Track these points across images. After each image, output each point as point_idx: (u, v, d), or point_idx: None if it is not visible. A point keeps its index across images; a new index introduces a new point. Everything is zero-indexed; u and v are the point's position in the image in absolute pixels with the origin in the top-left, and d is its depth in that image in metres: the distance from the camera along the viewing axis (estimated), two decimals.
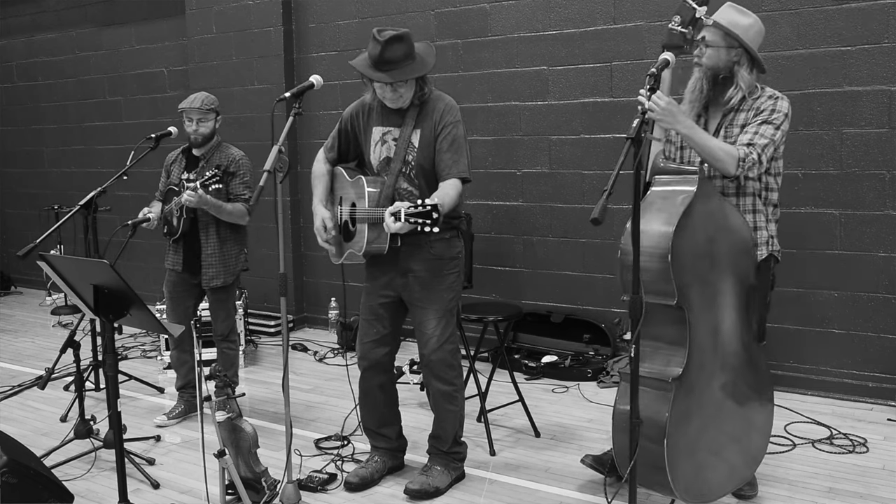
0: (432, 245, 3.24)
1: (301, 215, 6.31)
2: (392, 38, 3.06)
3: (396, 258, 3.27)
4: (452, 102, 3.26)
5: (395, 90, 3.13)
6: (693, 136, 2.82)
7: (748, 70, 2.94)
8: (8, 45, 8.12)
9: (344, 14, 5.85)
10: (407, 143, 3.20)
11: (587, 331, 5.06)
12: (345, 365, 5.32)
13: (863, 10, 4.18)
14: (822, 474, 3.46)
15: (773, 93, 2.98)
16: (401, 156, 3.21)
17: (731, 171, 2.83)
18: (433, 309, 3.27)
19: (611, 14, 4.86)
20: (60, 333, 6.22)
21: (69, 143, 7.77)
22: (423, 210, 2.84)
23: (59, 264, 2.91)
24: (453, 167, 3.18)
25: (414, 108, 3.23)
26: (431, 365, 3.31)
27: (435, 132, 3.19)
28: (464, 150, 3.22)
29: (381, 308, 3.39)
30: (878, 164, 4.21)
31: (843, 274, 4.33)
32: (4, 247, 8.51)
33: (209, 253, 4.12)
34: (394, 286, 3.34)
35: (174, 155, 4.33)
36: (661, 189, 2.84)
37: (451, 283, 3.30)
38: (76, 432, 3.84)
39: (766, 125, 2.90)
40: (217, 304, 4.25)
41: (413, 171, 3.22)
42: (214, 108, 4.13)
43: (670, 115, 2.75)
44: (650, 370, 2.78)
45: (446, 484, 3.37)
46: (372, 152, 3.31)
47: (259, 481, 3.21)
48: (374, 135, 3.31)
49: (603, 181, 4.80)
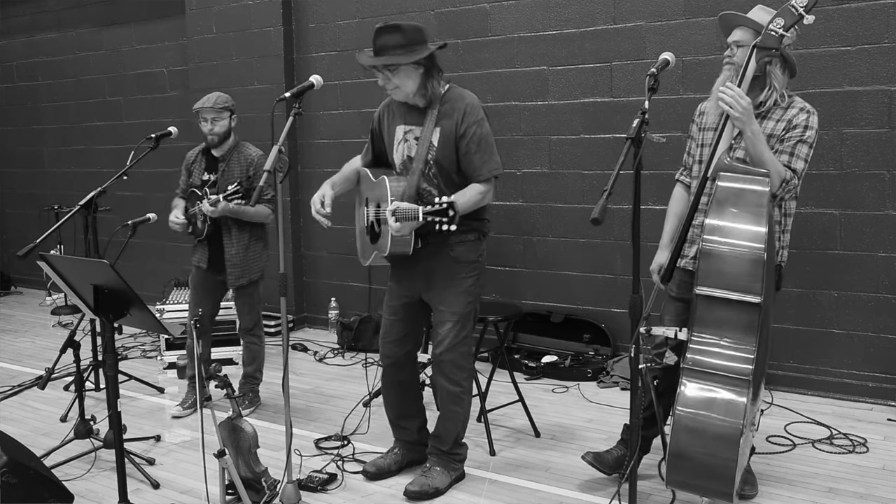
0: (453, 248, 3.24)
1: (301, 215, 6.31)
2: (388, 27, 3.08)
3: (418, 259, 3.25)
4: (474, 100, 3.22)
5: (388, 80, 3.12)
6: (757, 142, 2.81)
7: (781, 70, 2.95)
8: (8, 45, 8.12)
9: (344, 14, 5.85)
10: (428, 142, 3.19)
11: (587, 331, 5.06)
12: (345, 365, 5.32)
13: (863, 10, 4.18)
14: (822, 474, 3.46)
15: (804, 105, 2.96)
16: (422, 155, 3.19)
17: (774, 188, 2.83)
18: (450, 311, 3.26)
19: (611, 14, 4.86)
20: (60, 333, 6.22)
21: (69, 143, 7.77)
22: (439, 208, 2.85)
23: (59, 264, 2.91)
24: (484, 167, 3.17)
25: (435, 106, 3.20)
26: (441, 365, 3.31)
27: (457, 132, 3.15)
28: (492, 147, 3.20)
29: (402, 308, 3.40)
30: (878, 164, 4.21)
31: (843, 274, 4.33)
32: (4, 247, 8.51)
33: (233, 254, 4.19)
34: (415, 287, 3.34)
35: (194, 154, 4.36)
36: (731, 186, 2.74)
37: (468, 287, 3.28)
38: (76, 432, 3.84)
39: (801, 145, 2.91)
40: (241, 300, 4.35)
41: (432, 170, 3.20)
42: (228, 106, 4.17)
43: (748, 116, 2.76)
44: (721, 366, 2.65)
45: (446, 484, 3.37)
46: (395, 151, 3.31)
47: (259, 481, 3.21)
48: (398, 134, 3.30)
49: (603, 181, 4.81)
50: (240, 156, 4.20)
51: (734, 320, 2.65)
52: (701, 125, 3.19)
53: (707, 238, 2.65)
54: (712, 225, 2.65)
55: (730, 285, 2.61)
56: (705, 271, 2.64)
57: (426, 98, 3.19)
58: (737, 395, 2.59)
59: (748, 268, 2.62)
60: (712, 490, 2.64)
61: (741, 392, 2.59)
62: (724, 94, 2.78)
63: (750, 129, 2.79)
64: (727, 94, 2.77)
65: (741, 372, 2.61)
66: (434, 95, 3.18)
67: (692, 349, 2.65)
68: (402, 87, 3.14)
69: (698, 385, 2.62)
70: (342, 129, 5.94)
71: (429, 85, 3.16)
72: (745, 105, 2.75)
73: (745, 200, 2.72)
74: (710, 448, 2.55)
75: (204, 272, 4.31)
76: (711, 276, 2.61)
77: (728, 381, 2.61)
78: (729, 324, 2.66)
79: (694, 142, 3.23)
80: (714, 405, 2.58)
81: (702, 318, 2.65)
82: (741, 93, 2.76)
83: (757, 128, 2.82)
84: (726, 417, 2.57)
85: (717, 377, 2.61)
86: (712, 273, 2.62)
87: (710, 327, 2.66)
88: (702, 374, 2.62)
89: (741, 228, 2.65)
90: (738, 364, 2.62)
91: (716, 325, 2.65)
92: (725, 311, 2.64)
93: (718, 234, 2.63)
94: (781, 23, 2.77)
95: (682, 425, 2.63)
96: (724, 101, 2.77)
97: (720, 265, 2.61)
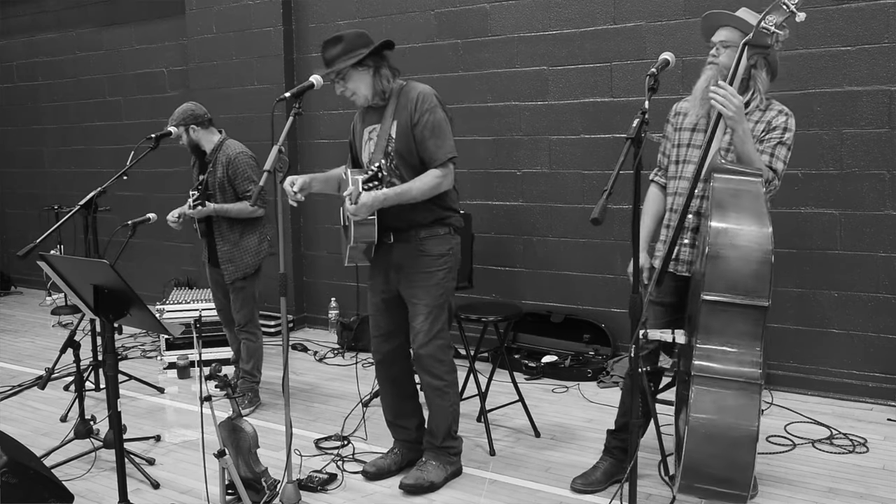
0: (423, 241, 3.29)
1: (301, 215, 6.31)
2: (330, 39, 3.22)
3: (390, 254, 3.34)
4: (426, 90, 3.29)
5: (344, 87, 3.26)
6: (747, 141, 2.82)
7: (766, 73, 2.95)
8: (8, 45, 8.12)
9: (344, 14, 5.85)
10: (387, 135, 3.26)
11: (587, 331, 5.06)
12: (344, 365, 5.32)
13: (863, 10, 4.18)
14: (822, 474, 3.46)
15: (782, 108, 2.98)
16: (382, 147, 3.26)
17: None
18: (422, 304, 3.30)
19: (611, 14, 4.86)
20: (60, 333, 6.22)
21: (69, 143, 7.78)
22: (370, 174, 3.08)
23: (59, 264, 2.91)
24: (439, 152, 3.22)
25: (392, 102, 3.28)
26: (420, 360, 3.35)
27: (411, 121, 3.22)
28: (446, 132, 3.26)
29: (382, 304, 3.45)
30: (878, 164, 4.21)
31: (843, 274, 4.33)
32: (4, 247, 8.51)
33: (224, 250, 4.34)
34: (390, 281, 3.39)
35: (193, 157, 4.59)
36: (728, 187, 2.73)
37: (440, 280, 3.32)
38: (76, 432, 3.84)
39: (781, 146, 2.93)
40: (234, 295, 4.44)
41: (393, 161, 3.26)
42: (182, 121, 4.34)
43: (740, 115, 2.77)
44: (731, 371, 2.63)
45: (441, 478, 3.38)
46: (363, 153, 3.38)
47: (259, 481, 3.21)
48: (364, 136, 3.39)
49: (603, 181, 4.81)
50: (222, 155, 4.34)
51: (741, 324, 2.63)
52: (677, 125, 3.19)
53: (713, 242, 2.62)
54: (717, 228, 2.62)
55: (738, 290, 2.59)
56: (712, 276, 2.61)
57: (381, 96, 3.28)
58: (749, 399, 2.57)
59: (757, 270, 2.60)
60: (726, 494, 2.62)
61: (753, 395, 2.58)
62: (716, 92, 2.77)
63: (741, 127, 2.80)
64: (719, 92, 2.77)
65: (751, 376, 2.59)
66: (388, 91, 3.27)
67: (699, 355, 2.62)
68: (358, 92, 3.26)
69: (710, 392, 2.60)
70: (342, 129, 5.92)
71: (378, 83, 3.26)
72: (738, 104, 2.75)
73: (744, 201, 2.70)
74: (728, 453, 2.53)
75: (209, 267, 4.52)
76: (719, 282, 2.58)
77: (739, 386, 2.59)
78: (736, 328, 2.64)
79: (669, 142, 3.23)
80: (728, 411, 2.56)
81: (707, 324, 2.61)
82: (734, 91, 2.75)
83: (747, 127, 2.83)
84: (741, 422, 2.55)
85: (727, 383, 2.59)
86: (720, 278, 2.58)
87: (717, 332, 2.63)
88: (712, 382, 2.59)
89: (747, 230, 2.62)
90: (748, 368, 2.60)
91: (723, 330, 2.63)
92: (732, 315, 2.62)
93: (724, 238, 2.61)
94: (773, 20, 2.77)
95: (698, 432, 2.60)
96: (716, 100, 2.77)
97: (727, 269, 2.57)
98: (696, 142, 3.08)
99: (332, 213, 5.98)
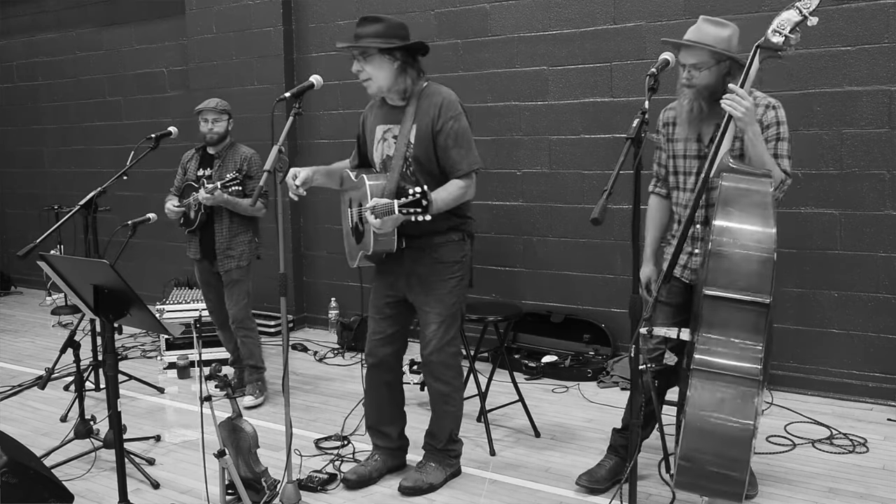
0: (436, 248, 3.23)
1: (301, 215, 6.31)
2: (371, 17, 3.16)
3: (402, 259, 3.26)
4: (451, 96, 3.20)
5: (361, 67, 3.16)
6: (758, 143, 2.82)
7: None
8: (8, 45, 8.12)
9: (344, 14, 5.84)
10: (406, 140, 3.18)
11: (587, 331, 5.06)
12: (345, 365, 5.32)
13: (863, 10, 4.18)
14: (822, 474, 3.46)
15: (768, 101, 2.96)
16: (401, 152, 3.18)
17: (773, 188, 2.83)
18: (435, 312, 3.26)
19: (611, 14, 4.86)
20: (60, 333, 6.22)
21: (69, 143, 7.78)
22: (413, 199, 2.84)
23: (59, 264, 2.91)
24: (463, 162, 3.15)
25: (412, 104, 3.20)
26: (430, 366, 3.32)
27: (433, 128, 3.14)
28: (470, 141, 3.19)
29: (386, 307, 3.40)
30: (878, 164, 4.21)
31: (843, 274, 4.33)
32: (4, 247, 8.51)
33: (221, 241, 4.40)
34: (398, 287, 3.34)
35: (190, 153, 4.64)
36: (735, 186, 2.74)
37: (453, 287, 3.28)
38: (76, 432, 3.84)
39: (781, 142, 2.93)
40: (229, 289, 4.48)
41: (411, 167, 3.19)
42: (227, 110, 4.50)
43: (750, 117, 2.77)
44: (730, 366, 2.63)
45: (440, 480, 3.38)
46: (374, 151, 3.31)
47: (259, 481, 3.21)
48: (377, 133, 3.30)
49: (603, 181, 4.81)
50: (235, 153, 4.45)
51: (742, 320, 2.63)
52: (669, 136, 3.18)
53: (716, 239, 2.64)
54: (721, 226, 2.63)
55: (740, 286, 2.60)
56: (714, 272, 2.63)
57: (401, 95, 3.20)
58: (747, 396, 2.58)
59: (759, 268, 2.61)
60: (722, 491, 2.62)
61: (751, 392, 2.58)
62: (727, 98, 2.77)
63: (752, 129, 2.80)
64: (729, 96, 2.76)
65: (750, 372, 2.59)
66: (409, 91, 3.18)
67: (700, 350, 2.63)
68: (374, 79, 3.15)
69: (708, 386, 2.59)
70: (342, 129, 5.93)
71: (401, 80, 3.17)
72: (749, 106, 2.75)
73: (751, 200, 2.71)
74: (723, 449, 2.54)
75: (200, 265, 4.53)
76: (721, 277, 2.59)
77: (738, 382, 2.59)
78: (737, 324, 2.64)
79: (664, 153, 3.22)
80: (725, 406, 2.56)
81: (709, 319, 2.63)
82: (744, 94, 2.76)
83: (758, 129, 2.83)
84: (738, 418, 2.55)
85: (726, 378, 2.59)
86: (722, 274, 2.59)
87: (718, 328, 2.64)
88: (711, 375, 2.60)
89: (751, 229, 2.64)
90: (747, 364, 2.60)
91: (723, 325, 2.64)
92: (733, 311, 2.62)
93: (728, 236, 2.62)
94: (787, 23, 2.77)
95: (694, 427, 2.60)
96: (727, 104, 2.77)
97: (730, 266, 2.58)
98: (691, 151, 3.08)
99: (332, 212, 5.98)
